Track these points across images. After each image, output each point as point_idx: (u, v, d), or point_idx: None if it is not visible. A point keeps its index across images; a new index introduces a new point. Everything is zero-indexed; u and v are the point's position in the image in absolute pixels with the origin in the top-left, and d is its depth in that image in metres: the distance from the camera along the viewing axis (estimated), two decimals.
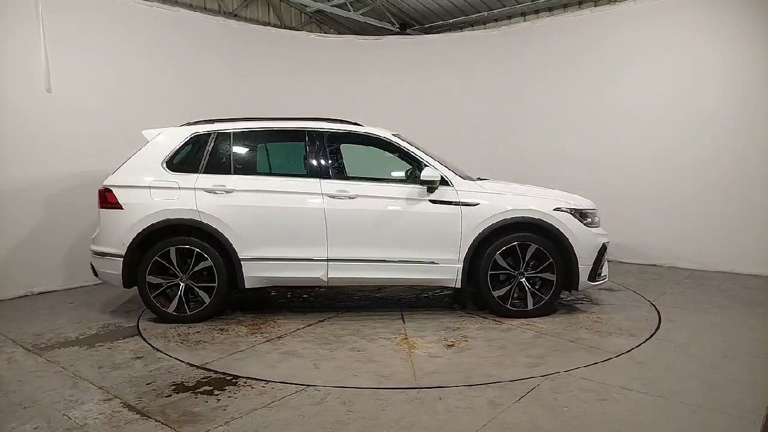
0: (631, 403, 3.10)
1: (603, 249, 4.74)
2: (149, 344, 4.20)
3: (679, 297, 5.37)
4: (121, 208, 4.72)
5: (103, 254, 4.78)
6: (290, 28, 10.17)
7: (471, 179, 5.05)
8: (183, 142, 4.93)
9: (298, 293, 5.83)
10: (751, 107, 6.18)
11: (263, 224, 4.68)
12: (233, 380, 3.48)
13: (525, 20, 9.27)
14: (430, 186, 4.63)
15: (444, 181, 4.69)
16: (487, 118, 8.17)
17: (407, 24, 10.59)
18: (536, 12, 9.30)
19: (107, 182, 4.84)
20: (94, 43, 6.17)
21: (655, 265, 6.81)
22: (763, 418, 2.88)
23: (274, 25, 10.08)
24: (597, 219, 4.88)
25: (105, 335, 4.43)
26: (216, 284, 4.68)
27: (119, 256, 4.67)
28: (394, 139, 4.90)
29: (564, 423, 2.87)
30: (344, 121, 5.11)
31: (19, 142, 5.62)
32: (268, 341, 4.27)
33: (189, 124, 5.10)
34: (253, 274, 4.71)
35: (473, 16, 9.78)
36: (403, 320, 4.75)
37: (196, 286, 4.71)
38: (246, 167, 4.99)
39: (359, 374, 3.58)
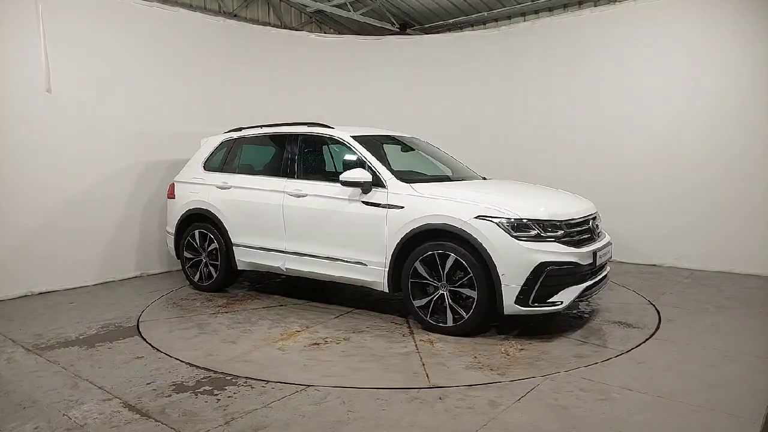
0: (631, 403, 3.10)
1: (542, 268, 3.95)
2: (149, 344, 4.20)
3: (679, 297, 5.37)
4: (174, 198, 5.99)
5: (167, 232, 6.14)
6: (290, 28, 10.17)
7: (476, 178, 5.25)
8: (215, 147, 5.94)
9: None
10: (751, 107, 6.18)
11: (246, 216, 5.40)
12: (233, 380, 3.49)
13: (525, 20, 9.27)
14: (364, 188, 4.63)
15: (380, 183, 4.64)
16: (487, 118, 8.16)
17: (407, 24, 10.59)
18: (536, 12, 9.30)
19: (175, 179, 6.10)
20: (94, 43, 6.16)
21: (655, 265, 6.81)
22: (763, 418, 2.88)
23: (274, 25, 10.08)
24: (556, 233, 4.09)
25: (105, 335, 4.43)
26: (219, 262, 5.60)
27: (172, 234, 5.98)
28: (347, 140, 5.01)
29: (564, 423, 2.88)
30: (316, 123, 5.40)
31: (18, 142, 5.60)
32: (211, 315, 4.99)
33: (228, 131, 6.03)
34: (241, 258, 5.50)
35: (473, 16, 9.77)
36: (339, 317, 4.85)
37: (210, 263, 5.70)
38: (243, 167, 5.74)
39: (198, 350, 4.05)
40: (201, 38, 7.20)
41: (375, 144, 5.21)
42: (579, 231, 4.31)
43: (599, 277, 4.47)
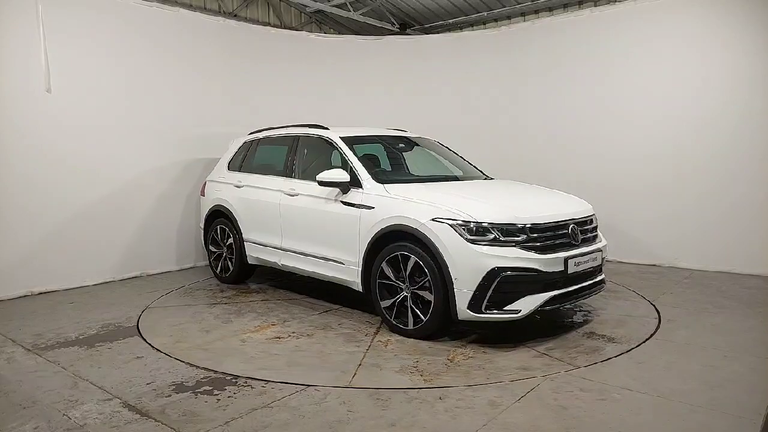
0: (631, 403, 3.10)
1: (496, 274, 3.77)
2: (149, 344, 4.20)
3: (679, 297, 5.36)
4: (204, 196, 6.37)
5: (200, 228, 6.52)
6: (290, 28, 10.18)
7: (478, 178, 5.32)
8: (238, 148, 6.25)
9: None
10: (752, 107, 6.16)
11: (254, 214, 5.64)
12: (233, 380, 3.49)
13: (525, 20, 9.29)
14: (342, 187, 4.70)
15: (358, 183, 4.65)
16: (486, 118, 8.16)
17: (407, 24, 10.61)
18: (536, 12, 9.32)
19: (207, 178, 6.47)
20: (94, 43, 6.15)
21: (655, 265, 6.80)
22: (763, 418, 2.88)
23: (274, 25, 10.09)
24: (517, 237, 3.89)
25: (105, 335, 4.43)
26: (234, 257, 5.91)
27: (203, 229, 6.40)
28: (335, 140, 5.09)
29: (564, 423, 2.88)
30: (315, 125, 5.56)
31: (18, 143, 5.60)
32: (210, 305, 5.29)
33: (251, 133, 6.28)
34: (250, 254, 5.75)
35: (473, 16, 9.79)
36: (321, 314, 4.94)
37: (228, 256, 6.02)
38: (255, 167, 5.98)
39: (171, 336, 4.37)
40: (201, 38, 7.19)
41: (370, 144, 5.22)
42: (549, 236, 4.05)
43: (580, 285, 4.17)
